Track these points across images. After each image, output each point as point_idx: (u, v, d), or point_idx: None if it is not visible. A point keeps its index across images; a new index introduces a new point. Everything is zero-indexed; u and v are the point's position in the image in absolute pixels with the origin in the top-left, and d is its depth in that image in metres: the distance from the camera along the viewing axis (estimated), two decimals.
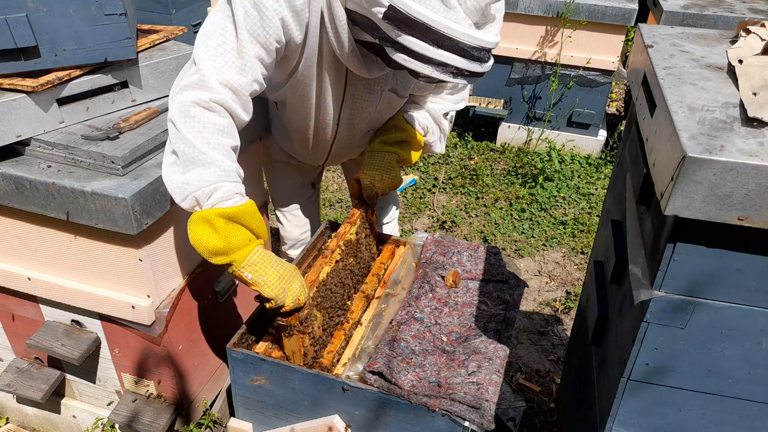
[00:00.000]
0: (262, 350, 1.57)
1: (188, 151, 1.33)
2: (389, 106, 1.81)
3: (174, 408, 1.93)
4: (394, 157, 1.86)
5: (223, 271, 2.00)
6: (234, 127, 1.42)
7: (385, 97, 1.75)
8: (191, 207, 1.35)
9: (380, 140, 1.87)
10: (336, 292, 1.68)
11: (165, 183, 1.39)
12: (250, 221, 1.38)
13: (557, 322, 2.94)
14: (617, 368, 1.36)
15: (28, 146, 1.62)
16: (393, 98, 1.78)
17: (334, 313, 1.67)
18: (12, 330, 1.99)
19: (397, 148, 1.86)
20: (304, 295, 1.45)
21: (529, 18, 4.05)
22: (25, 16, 1.49)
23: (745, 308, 1.18)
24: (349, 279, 1.77)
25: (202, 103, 1.35)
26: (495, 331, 1.62)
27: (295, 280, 1.43)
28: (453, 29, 1.25)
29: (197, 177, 1.33)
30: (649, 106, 1.33)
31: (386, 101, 1.77)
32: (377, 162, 1.84)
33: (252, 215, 1.38)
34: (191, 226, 1.35)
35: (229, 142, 1.39)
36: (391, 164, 1.85)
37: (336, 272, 1.69)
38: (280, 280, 1.40)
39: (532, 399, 2.49)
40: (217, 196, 1.33)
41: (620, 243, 1.54)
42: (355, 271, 1.80)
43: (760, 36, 1.38)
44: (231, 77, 1.37)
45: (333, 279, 1.67)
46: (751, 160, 1.00)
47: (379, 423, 1.47)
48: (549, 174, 4.07)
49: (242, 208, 1.36)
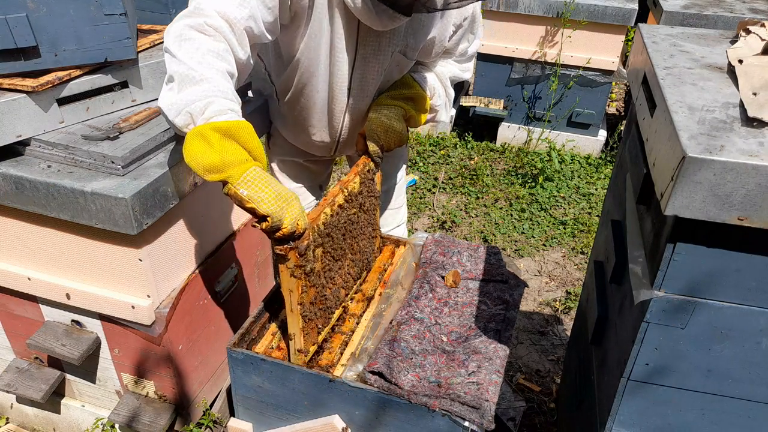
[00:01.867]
0: (262, 350, 1.57)
1: (182, 70, 1.31)
2: (398, 68, 1.80)
3: (174, 408, 1.93)
4: (400, 110, 1.80)
5: (223, 271, 2.00)
6: (230, 53, 1.39)
7: (394, 58, 1.74)
8: (185, 124, 1.32)
9: (386, 95, 1.83)
10: (337, 241, 1.59)
11: (159, 106, 1.36)
12: (247, 139, 1.33)
13: (557, 322, 2.94)
14: (617, 368, 1.36)
15: (28, 146, 1.62)
16: (402, 60, 1.77)
17: (335, 266, 1.60)
18: (12, 330, 1.99)
19: (403, 102, 1.82)
20: (303, 221, 1.37)
21: (529, 18, 4.05)
22: (25, 16, 1.49)
23: (745, 308, 1.18)
24: (353, 234, 1.69)
25: (196, 26, 1.33)
26: (495, 331, 1.62)
27: (295, 204, 1.35)
28: None
29: (191, 93, 1.31)
30: (649, 106, 1.33)
31: (395, 63, 1.77)
32: (383, 114, 1.78)
33: (249, 133, 1.33)
34: (186, 145, 1.31)
35: (225, 66, 1.35)
36: (397, 117, 1.79)
37: (338, 218, 1.60)
38: (278, 199, 1.32)
39: (532, 399, 2.49)
40: (212, 110, 1.30)
41: (620, 243, 1.54)
42: (356, 231, 1.72)
43: (760, 36, 1.38)
44: (227, 8, 1.36)
45: (335, 224, 1.58)
46: (751, 160, 1.00)
47: (379, 423, 1.47)
48: (549, 174, 4.07)
49: (238, 123, 1.32)
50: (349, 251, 1.71)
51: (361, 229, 1.77)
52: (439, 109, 1.96)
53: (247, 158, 1.33)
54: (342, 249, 1.66)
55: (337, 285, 1.65)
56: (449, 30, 1.80)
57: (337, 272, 1.65)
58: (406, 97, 1.84)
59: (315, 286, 1.52)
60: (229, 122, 1.31)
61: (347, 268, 1.72)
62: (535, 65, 4.24)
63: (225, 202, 1.98)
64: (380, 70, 1.75)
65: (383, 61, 1.72)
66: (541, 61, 4.20)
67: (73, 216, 1.55)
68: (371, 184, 1.81)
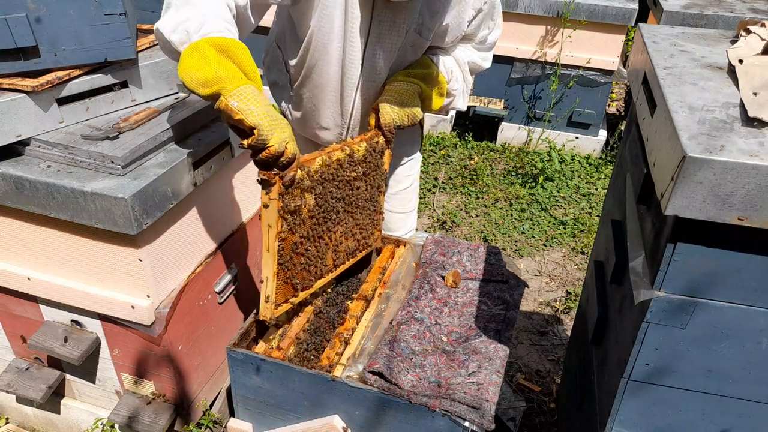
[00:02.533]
0: (262, 350, 1.57)
1: None
2: (412, 49, 1.77)
3: (174, 408, 1.92)
4: (416, 87, 1.75)
5: (223, 271, 2.00)
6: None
7: (409, 37, 1.71)
8: (180, 42, 1.33)
9: (402, 72, 1.79)
10: (330, 198, 1.53)
11: (155, 28, 1.38)
12: (243, 57, 1.33)
13: (557, 322, 2.94)
14: (617, 368, 1.36)
15: (27, 146, 1.62)
16: (416, 39, 1.73)
17: (324, 224, 1.54)
18: (12, 330, 1.99)
19: (420, 80, 1.77)
20: (293, 145, 1.34)
21: (529, 18, 4.05)
22: (25, 16, 1.49)
23: (746, 308, 1.18)
24: (350, 201, 1.63)
25: None
26: (495, 331, 1.62)
27: (285, 127, 1.33)
28: None
29: (187, 12, 1.34)
30: (649, 106, 1.33)
31: (409, 43, 1.73)
32: (396, 89, 1.74)
33: (244, 51, 1.34)
34: (181, 60, 1.31)
35: None
36: (411, 93, 1.74)
37: (335, 174, 1.53)
38: (269, 116, 1.30)
39: (533, 399, 2.49)
40: (208, 26, 1.32)
41: (620, 243, 1.54)
42: (354, 200, 1.66)
43: (761, 36, 1.38)
44: None
45: (329, 178, 1.51)
46: (751, 160, 1.00)
47: (379, 423, 1.47)
48: (549, 174, 4.07)
49: (233, 41, 1.33)
50: (344, 217, 1.63)
51: (360, 201, 1.70)
52: (456, 95, 1.91)
53: (241, 76, 1.33)
54: (336, 211, 1.58)
55: (323, 247, 1.56)
56: (468, 13, 1.75)
57: (326, 233, 1.56)
58: (423, 76, 1.79)
59: (297, 232, 1.43)
60: (225, 38, 1.31)
61: (340, 236, 1.63)
62: (535, 65, 4.23)
63: (225, 202, 1.97)
64: (394, 48, 1.71)
65: (397, 38, 1.69)
66: (542, 61, 4.19)
67: (72, 216, 1.55)
68: (377, 157, 1.74)
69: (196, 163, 1.71)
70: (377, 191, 1.80)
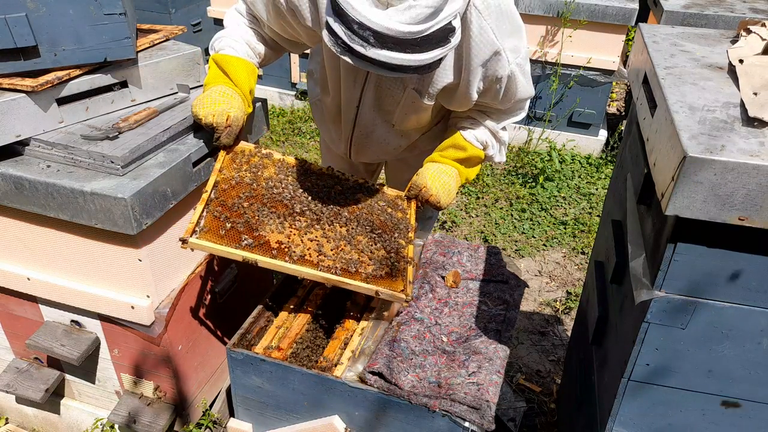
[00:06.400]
0: (261, 351, 1.56)
1: None
2: (413, 107, 1.76)
3: (173, 408, 1.92)
4: (454, 171, 1.83)
5: (223, 271, 2.00)
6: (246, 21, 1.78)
7: (409, 95, 1.72)
8: (211, 51, 1.77)
9: (440, 154, 1.84)
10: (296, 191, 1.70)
11: None
12: (231, 69, 1.69)
13: (557, 323, 2.94)
14: (618, 368, 1.36)
15: (27, 146, 1.62)
16: (417, 99, 1.72)
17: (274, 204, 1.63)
18: (12, 330, 1.99)
19: (459, 165, 1.84)
20: (221, 118, 1.62)
21: (529, 17, 4.05)
22: (25, 16, 1.49)
23: (746, 308, 1.17)
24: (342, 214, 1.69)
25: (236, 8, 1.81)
26: (495, 332, 1.62)
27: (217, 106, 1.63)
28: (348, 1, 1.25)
29: (219, 33, 1.78)
30: (649, 106, 1.33)
31: (410, 101, 1.74)
32: (441, 172, 1.81)
33: (232, 65, 1.69)
34: None
35: (243, 20, 1.78)
36: (449, 174, 1.81)
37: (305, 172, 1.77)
38: (206, 98, 1.63)
39: (533, 399, 2.49)
40: (218, 44, 1.75)
41: (621, 243, 1.54)
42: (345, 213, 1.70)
43: (761, 36, 1.37)
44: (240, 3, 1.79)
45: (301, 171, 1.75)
46: (751, 160, 1.00)
47: (379, 424, 1.47)
48: (549, 174, 4.07)
49: (224, 56, 1.70)
50: (326, 223, 1.66)
51: (361, 222, 1.69)
52: (494, 156, 1.91)
53: (223, 81, 1.68)
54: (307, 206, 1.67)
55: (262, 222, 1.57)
56: (475, 84, 1.65)
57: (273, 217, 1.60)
58: (460, 159, 1.83)
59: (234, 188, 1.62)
60: (221, 55, 1.71)
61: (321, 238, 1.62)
62: (535, 65, 4.23)
63: None
64: (393, 102, 1.75)
65: (396, 93, 1.72)
66: (542, 61, 4.19)
67: (72, 216, 1.55)
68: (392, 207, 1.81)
69: (196, 163, 1.71)
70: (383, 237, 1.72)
